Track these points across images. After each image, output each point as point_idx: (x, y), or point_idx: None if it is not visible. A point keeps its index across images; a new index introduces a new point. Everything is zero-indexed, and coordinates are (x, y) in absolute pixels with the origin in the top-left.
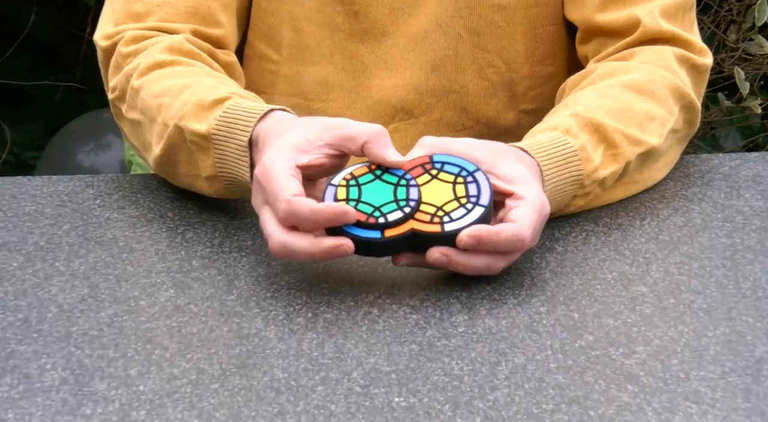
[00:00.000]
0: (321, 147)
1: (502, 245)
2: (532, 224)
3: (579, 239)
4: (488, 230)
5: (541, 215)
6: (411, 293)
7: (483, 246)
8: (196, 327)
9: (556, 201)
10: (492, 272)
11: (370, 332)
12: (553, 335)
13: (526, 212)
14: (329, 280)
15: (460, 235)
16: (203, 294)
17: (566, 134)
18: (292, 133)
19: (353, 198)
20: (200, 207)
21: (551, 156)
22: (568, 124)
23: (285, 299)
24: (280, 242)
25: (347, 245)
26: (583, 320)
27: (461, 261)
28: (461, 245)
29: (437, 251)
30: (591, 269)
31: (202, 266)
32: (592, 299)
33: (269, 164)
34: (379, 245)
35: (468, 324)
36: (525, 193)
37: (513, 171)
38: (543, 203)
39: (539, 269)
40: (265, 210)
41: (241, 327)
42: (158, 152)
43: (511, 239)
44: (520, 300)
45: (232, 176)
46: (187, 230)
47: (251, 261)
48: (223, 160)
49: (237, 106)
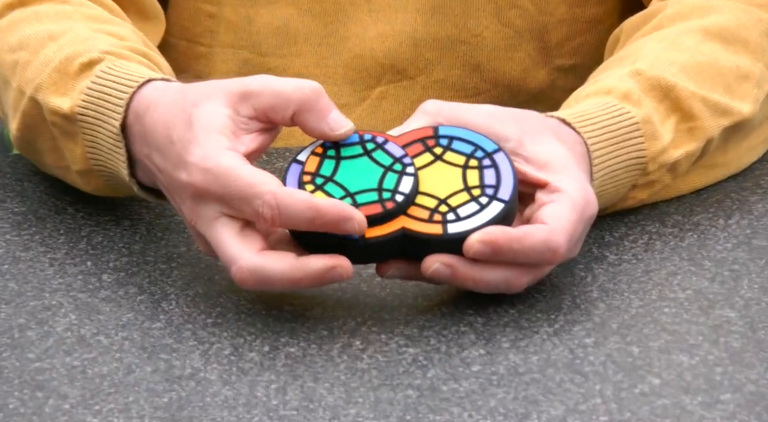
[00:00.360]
0: (248, 123)
1: (527, 256)
2: (569, 228)
3: (639, 244)
4: (508, 234)
5: (583, 216)
6: (407, 318)
7: (501, 256)
8: (108, 367)
9: (609, 193)
10: (512, 289)
11: (350, 372)
12: (604, 377)
13: (562, 210)
14: (294, 300)
15: (470, 240)
16: (117, 321)
17: (624, 100)
18: (202, 114)
19: (324, 175)
20: (114, 200)
21: (603, 131)
22: (627, 86)
23: (232, 327)
24: (252, 267)
25: (343, 268)
26: (646, 356)
27: (471, 275)
28: (471, 254)
29: (437, 261)
30: (656, 286)
31: (116, 283)
32: (657, 328)
33: (212, 163)
34: (356, 250)
35: (485, 361)
36: (563, 184)
37: (548, 153)
38: (587, 200)
39: (583, 286)
40: (218, 225)
41: (171, 365)
42: (15, 130)
43: (540, 247)
44: (557, 329)
45: (109, 170)
46: (95, 233)
47: (185, 275)
48: (97, 149)
49: (111, 72)
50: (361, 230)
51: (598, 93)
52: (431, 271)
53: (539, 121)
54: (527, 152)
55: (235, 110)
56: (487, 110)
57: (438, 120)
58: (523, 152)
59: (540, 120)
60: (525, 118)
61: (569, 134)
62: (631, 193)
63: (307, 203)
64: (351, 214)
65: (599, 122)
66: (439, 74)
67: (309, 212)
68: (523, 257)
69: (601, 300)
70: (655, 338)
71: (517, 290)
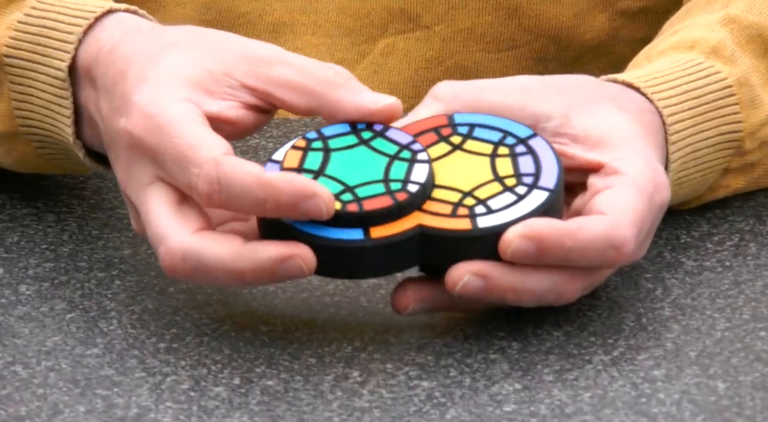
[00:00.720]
0: (235, 89)
1: (584, 255)
2: (636, 219)
3: (727, 246)
4: (558, 227)
5: (652, 205)
6: (420, 342)
7: (548, 256)
8: (27, 407)
9: (693, 179)
10: (562, 300)
11: (345, 412)
12: (678, 421)
13: (625, 196)
14: (272, 319)
15: (508, 235)
16: (40, 346)
17: (713, 56)
18: (177, 58)
19: (310, 169)
20: (35, 186)
21: (684, 97)
22: (717, 38)
23: (192, 354)
24: (184, 250)
25: (303, 257)
26: (735, 394)
27: (511, 283)
28: (509, 253)
29: (466, 271)
30: (748, 303)
31: (39, 296)
32: (750, 357)
33: (157, 108)
34: (360, 256)
35: (522, 399)
36: (623, 164)
37: (604, 126)
38: (657, 183)
39: (651, 301)
40: (150, 192)
41: (110, 404)
42: None
43: (600, 243)
44: (616, 357)
45: (45, 131)
46: (10, 230)
47: (130, 286)
48: (29, 102)
49: (52, 2)
50: (328, 212)
51: (677, 48)
52: (460, 286)
53: (593, 88)
54: (575, 128)
55: (225, 67)
56: (518, 83)
57: (453, 107)
58: (570, 130)
59: (594, 87)
60: (573, 87)
61: (635, 100)
62: (723, 180)
63: (256, 178)
64: (313, 190)
65: (679, 85)
66: (463, 22)
67: (258, 189)
68: (578, 256)
69: (675, 320)
70: (747, 370)
71: (567, 301)
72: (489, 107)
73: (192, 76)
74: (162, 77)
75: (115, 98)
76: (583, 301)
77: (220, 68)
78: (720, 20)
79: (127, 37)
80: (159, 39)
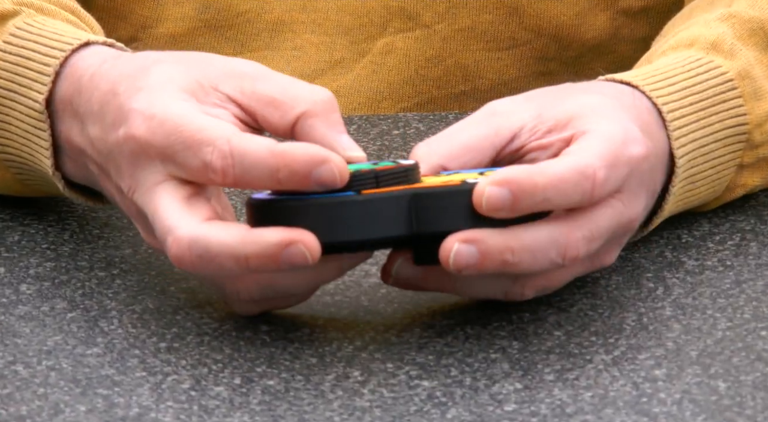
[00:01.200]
0: (223, 101)
1: (560, 191)
2: (603, 154)
3: (728, 246)
4: (526, 169)
5: (625, 151)
6: (420, 342)
7: (526, 199)
8: (28, 406)
9: (707, 177)
10: (568, 256)
11: (346, 412)
12: (679, 420)
13: (590, 142)
14: (273, 319)
15: (479, 186)
16: (41, 346)
17: (711, 51)
18: (168, 69)
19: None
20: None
21: (684, 93)
22: (716, 33)
23: (193, 354)
24: (191, 238)
25: (306, 244)
26: (736, 394)
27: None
28: (484, 204)
29: (456, 240)
30: (750, 302)
31: (40, 295)
32: (751, 357)
33: (159, 108)
34: (350, 213)
35: (523, 399)
36: (590, 126)
37: (572, 107)
38: (627, 136)
39: (652, 301)
40: (160, 190)
41: (111, 404)
42: None
43: (570, 174)
44: (617, 356)
45: (23, 160)
46: (10, 229)
47: (130, 285)
48: (7, 132)
49: (32, 30)
50: (342, 178)
51: (677, 47)
52: (453, 257)
53: (567, 87)
54: (546, 121)
55: (211, 80)
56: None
57: (434, 164)
58: (542, 125)
59: (568, 86)
60: (544, 92)
61: (612, 87)
62: (739, 178)
63: (268, 148)
64: (326, 155)
65: (678, 82)
66: (464, 20)
67: (271, 158)
68: (555, 193)
69: (676, 320)
70: (749, 370)
71: (573, 257)
72: (466, 145)
73: (185, 84)
74: (156, 86)
75: (107, 115)
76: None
77: (208, 81)
78: (719, 17)
79: (108, 64)
80: (144, 58)
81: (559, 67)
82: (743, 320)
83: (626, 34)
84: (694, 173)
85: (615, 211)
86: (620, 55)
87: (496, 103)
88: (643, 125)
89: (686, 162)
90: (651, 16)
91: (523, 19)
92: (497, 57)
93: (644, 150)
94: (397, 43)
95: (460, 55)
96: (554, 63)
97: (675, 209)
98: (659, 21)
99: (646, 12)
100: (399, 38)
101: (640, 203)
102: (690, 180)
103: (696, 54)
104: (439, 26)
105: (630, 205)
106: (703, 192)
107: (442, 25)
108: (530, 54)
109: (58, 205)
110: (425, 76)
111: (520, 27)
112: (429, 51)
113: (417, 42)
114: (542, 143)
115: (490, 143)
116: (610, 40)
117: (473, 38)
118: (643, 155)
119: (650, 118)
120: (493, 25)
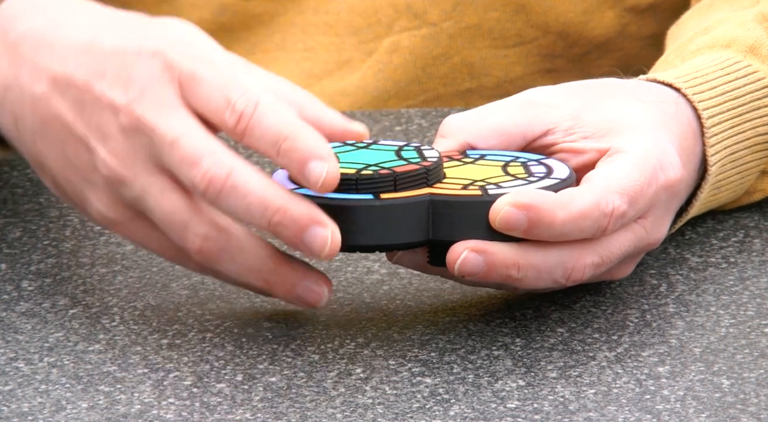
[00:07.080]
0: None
1: (578, 227)
2: (627, 186)
3: (732, 243)
4: (548, 197)
5: (655, 178)
6: (423, 339)
7: (541, 229)
8: (30, 403)
9: (732, 182)
10: (573, 278)
11: (348, 407)
12: (683, 417)
13: (618, 167)
14: (275, 315)
15: (497, 202)
16: (43, 342)
17: (749, 54)
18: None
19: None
20: (37, 181)
21: (723, 98)
22: (754, 36)
23: (195, 351)
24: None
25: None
26: (740, 391)
27: (512, 258)
28: (497, 221)
29: (464, 246)
30: (753, 299)
31: (41, 292)
32: (755, 354)
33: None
34: (368, 217)
35: (526, 396)
36: (626, 145)
37: (613, 117)
38: (663, 160)
39: (656, 297)
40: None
41: (113, 401)
42: None
43: (593, 213)
44: (620, 354)
45: None
46: (12, 225)
47: (132, 281)
48: None
49: None
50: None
51: (713, 46)
52: (459, 263)
53: (609, 85)
54: (585, 125)
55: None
56: (523, 99)
57: (461, 139)
58: (580, 129)
59: (610, 84)
60: (586, 87)
61: (653, 92)
62: (760, 183)
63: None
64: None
65: (718, 85)
66: (471, 18)
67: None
68: (572, 229)
69: (680, 317)
70: (752, 367)
71: (577, 279)
72: (496, 129)
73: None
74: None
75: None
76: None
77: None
78: (755, 18)
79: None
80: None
81: (565, 64)
82: (747, 317)
83: (633, 31)
84: (721, 179)
85: (635, 236)
86: (627, 52)
87: (534, 92)
88: (682, 142)
89: (717, 169)
90: (658, 14)
91: (529, 17)
92: (504, 54)
93: (677, 177)
94: (403, 41)
95: (467, 52)
96: (561, 60)
97: (696, 212)
98: (666, 18)
99: (653, 9)
100: (405, 37)
101: (664, 227)
102: (716, 185)
103: (734, 56)
104: (445, 24)
105: (653, 230)
106: (724, 196)
107: (448, 23)
108: (537, 51)
109: (59, 201)
110: (431, 74)
111: (526, 24)
112: (435, 49)
113: (423, 40)
114: (575, 148)
115: (521, 132)
116: (617, 38)
117: (480, 36)
118: (675, 181)
119: (689, 129)
120: (499, 23)
